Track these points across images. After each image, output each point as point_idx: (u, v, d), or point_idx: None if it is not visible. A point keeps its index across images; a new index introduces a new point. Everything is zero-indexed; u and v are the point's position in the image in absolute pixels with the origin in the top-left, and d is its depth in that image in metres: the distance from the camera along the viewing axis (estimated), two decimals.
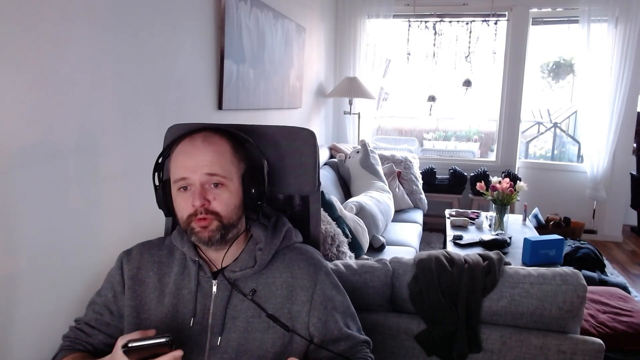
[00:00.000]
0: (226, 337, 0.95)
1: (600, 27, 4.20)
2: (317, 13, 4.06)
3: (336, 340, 0.99)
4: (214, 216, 0.93)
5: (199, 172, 0.92)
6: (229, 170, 0.95)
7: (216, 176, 0.93)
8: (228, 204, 0.95)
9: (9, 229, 1.20)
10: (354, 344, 1.01)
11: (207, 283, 0.98)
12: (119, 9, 1.54)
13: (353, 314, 1.06)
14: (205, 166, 0.92)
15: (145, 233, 1.26)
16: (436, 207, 4.48)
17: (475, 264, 1.46)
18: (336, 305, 1.02)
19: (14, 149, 1.19)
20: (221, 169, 0.94)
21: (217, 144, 0.95)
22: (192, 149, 0.94)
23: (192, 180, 0.93)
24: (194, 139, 0.95)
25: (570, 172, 4.70)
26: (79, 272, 1.44)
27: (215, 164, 0.93)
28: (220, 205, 0.94)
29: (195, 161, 0.93)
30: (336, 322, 1.00)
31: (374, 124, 5.52)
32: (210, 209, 0.93)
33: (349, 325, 1.03)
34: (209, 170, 0.92)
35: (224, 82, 2.30)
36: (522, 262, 2.66)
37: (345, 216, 2.58)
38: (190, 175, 0.92)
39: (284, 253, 1.03)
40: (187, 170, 0.93)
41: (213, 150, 0.94)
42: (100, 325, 1.01)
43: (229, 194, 0.95)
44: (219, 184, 0.94)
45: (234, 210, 0.96)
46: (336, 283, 1.06)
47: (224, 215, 0.94)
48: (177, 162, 0.95)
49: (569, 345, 1.35)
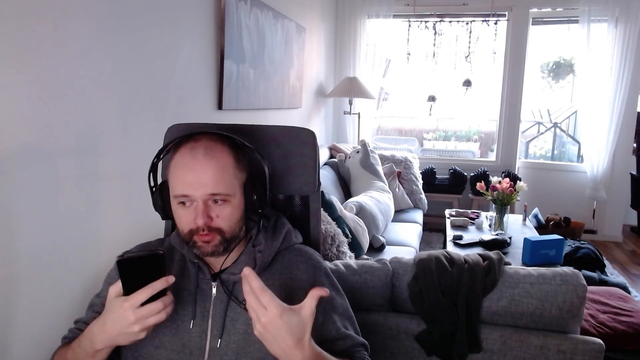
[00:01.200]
0: (226, 339, 0.94)
1: (600, 27, 4.20)
2: (317, 13, 4.06)
3: (334, 340, 0.98)
4: (216, 232, 0.92)
5: (201, 190, 0.89)
6: (232, 185, 0.92)
7: (220, 195, 0.90)
8: (231, 220, 0.93)
9: (9, 229, 1.20)
10: (352, 344, 0.99)
11: (206, 285, 0.98)
12: (119, 9, 1.54)
13: (352, 316, 1.05)
14: (207, 185, 0.89)
15: (144, 233, 1.26)
16: (436, 207, 4.48)
17: (475, 264, 1.46)
18: (335, 306, 1.01)
19: (13, 149, 1.19)
20: (224, 187, 0.90)
21: (219, 158, 0.91)
22: (194, 163, 0.89)
23: (194, 198, 0.90)
24: (196, 151, 0.90)
25: (570, 172, 4.70)
26: (79, 272, 1.44)
27: (218, 182, 0.90)
28: (223, 222, 0.92)
29: (197, 178, 0.89)
30: (334, 323, 0.99)
31: (374, 124, 5.52)
32: (214, 226, 0.91)
33: (347, 327, 1.01)
34: (212, 190, 0.89)
35: (224, 82, 2.30)
36: (522, 262, 2.66)
37: (345, 216, 2.58)
38: (192, 193, 0.89)
39: (283, 255, 1.03)
40: (188, 187, 0.89)
41: (215, 166, 0.90)
42: None
43: (232, 209, 0.92)
44: (220, 200, 0.91)
45: (237, 223, 0.95)
46: (336, 285, 1.05)
47: (227, 231, 0.93)
48: (177, 175, 0.91)
49: (569, 345, 1.35)
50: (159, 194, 0.97)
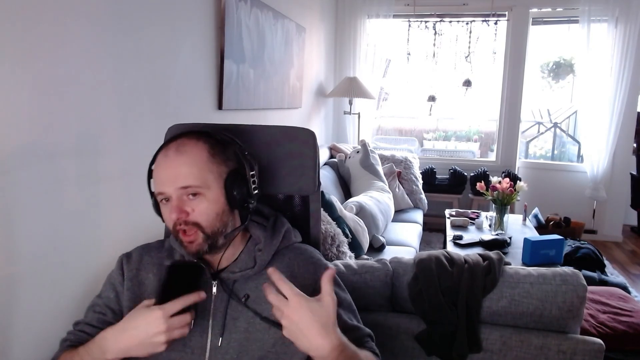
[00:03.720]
0: (227, 337, 0.95)
1: (600, 27, 4.20)
2: (317, 13, 4.06)
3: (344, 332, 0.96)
4: (196, 227, 0.92)
5: (173, 185, 0.91)
6: (205, 179, 0.93)
7: (190, 188, 0.91)
8: (208, 213, 0.93)
9: (9, 229, 1.20)
10: (360, 335, 1.00)
11: (206, 284, 0.98)
12: (119, 9, 1.54)
13: (355, 310, 1.06)
14: (177, 179, 0.91)
15: (144, 233, 1.26)
16: (436, 207, 4.48)
17: (475, 264, 1.46)
18: (339, 300, 1.00)
19: (13, 148, 1.19)
20: (195, 180, 0.91)
21: (190, 153, 0.93)
22: (165, 160, 0.93)
23: (169, 194, 0.92)
24: (167, 150, 0.94)
25: (570, 172, 4.70)
26: (79, 272, 1.44)
27: (188, 175, 0.91)
28: (200, 216, 0.92)
29: (168, 174, 0.92)
30: (340, 315, 0.98)
31: (374, 124, 5.52)
32: (190, 220, 0.92)
33: (353, 320, 1.02)
34: (183, 183, 0.91)
35: (224, 82, 2.30)
36: (522, 262, 2.66)
37: (345, 216, 2.58)
38: (165, 190, 0.92)
39: (283, 253, 1.03)
40: (162, 184, 0.93)
41: (185, 161, 0.92)
42: (102, 324, 1.00)
43: (208, 202, 0.93)
44: (196, 194, 0.92)
45: (216, 218, 0.94)
46: (337, 280, 1.06)
47: (205, 226, 0.93)
48: (155, 175, 0.95)
49: (569, 345, 1.35)
50: (155, 198, 0.98)
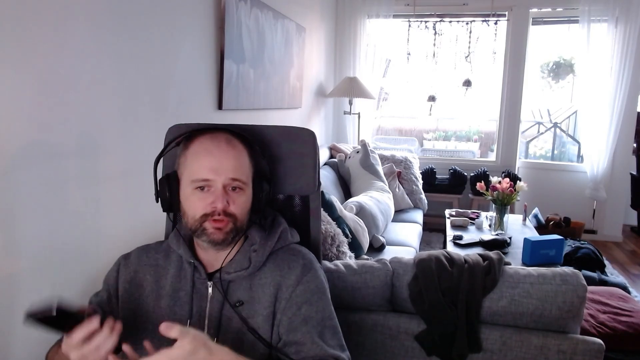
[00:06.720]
0: (222, 338, 0.95)
1: (600, 27, 4.20)
2: (317, 13, 4.06)
3: (299, 344, 0.91)
4: (230, 218, 0.94)
5: (224, 175, 0.92)
6: (247, 175, 0.97)
7: (238, 181, 0.94)
8: (244, 208, 0.96)
9: (9, 229, 1.20)
10: (317, 355, 0.90)
11: (202, 285, 0.99)
12: (119, 9, 1.54)
13: (334, 326, 0.98)
14: (229, 170, 0.93)
15: (144, 233, 1.26)
16: (436, 207, 4.48)
17: (475, 264, 1.46)
18: (313, 311, 0.95)
19: (14, 149, 1.19)
20: (242, 174, 0.95)
21: (238, 148, 0.96)
22: (217, 150, 0.93)
23: (215, 183, 0.93)
24: (218, 140, 0.95)
25: (570, 172, 4.70)
26: (79, 272, 1.44)
27: (238, 168, 0.94)
28: (237, 209, 0.94)
29: (220, 163, 0.93)
30: (306, 326, 0.93)
31: (374, 124, 5.52)
32: (229, 211, 0.93)
33: (324, 336, 0.94)
34: (234, 175, 0.93)
35: (224, 82, 2.30)
36: (522, 262, 2.66)
37: (345, 216, 2.58)
38: (214, 178, 0.92)
39: (277, 254, 1.02)
40: (210, 172, 0.92)
41: (236, 155, 0.95)
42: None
43: (245, 198, 0.96)
44: (237, 188, 0.94)
45: (247, 214, 0.98)
46: (322, 288, 1.00)
47: (239, 219, 0.95)
48: (199, 161, 0.93)
49: (569, 345, 1.35)
50: (166, 184, 0.97)
